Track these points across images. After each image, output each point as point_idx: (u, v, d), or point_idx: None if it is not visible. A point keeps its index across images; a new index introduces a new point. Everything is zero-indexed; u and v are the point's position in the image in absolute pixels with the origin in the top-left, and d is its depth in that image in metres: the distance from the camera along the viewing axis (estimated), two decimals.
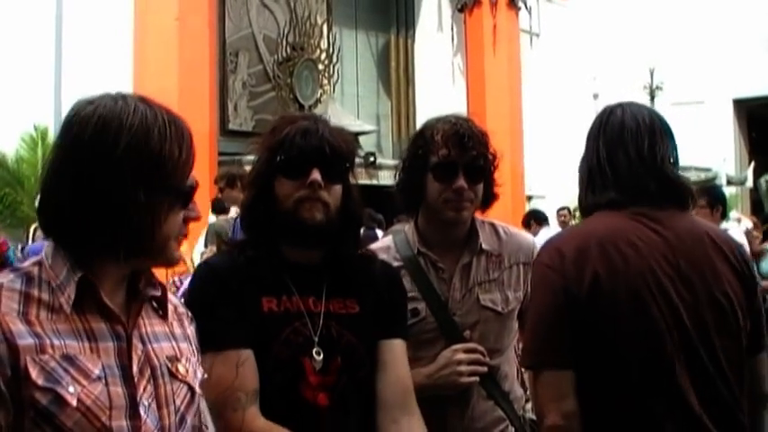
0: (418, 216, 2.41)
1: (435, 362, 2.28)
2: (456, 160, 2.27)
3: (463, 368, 2.27)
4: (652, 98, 17.40)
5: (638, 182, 1.97)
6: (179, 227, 1.43)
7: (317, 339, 1.87)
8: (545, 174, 16.68)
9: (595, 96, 18.72)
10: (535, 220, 10.73)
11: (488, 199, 2.38)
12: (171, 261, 1.45)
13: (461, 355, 2.28)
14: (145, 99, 1.42)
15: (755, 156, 17.75)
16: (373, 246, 2.51)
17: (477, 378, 2.30)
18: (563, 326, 1.87)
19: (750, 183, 15.19)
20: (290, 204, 1.89)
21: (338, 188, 1.93)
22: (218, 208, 8.10)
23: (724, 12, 17.37)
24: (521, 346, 2.40)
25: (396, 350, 2.00)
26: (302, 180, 1.88)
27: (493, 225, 2.46)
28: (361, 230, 2.20)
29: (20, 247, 7.77)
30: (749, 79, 17.22)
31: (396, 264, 2.34)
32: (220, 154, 11.68)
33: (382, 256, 2.34)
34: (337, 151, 1.92)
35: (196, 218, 1.47)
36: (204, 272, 2.00)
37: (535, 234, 9.11)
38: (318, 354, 1.86)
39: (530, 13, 17.64)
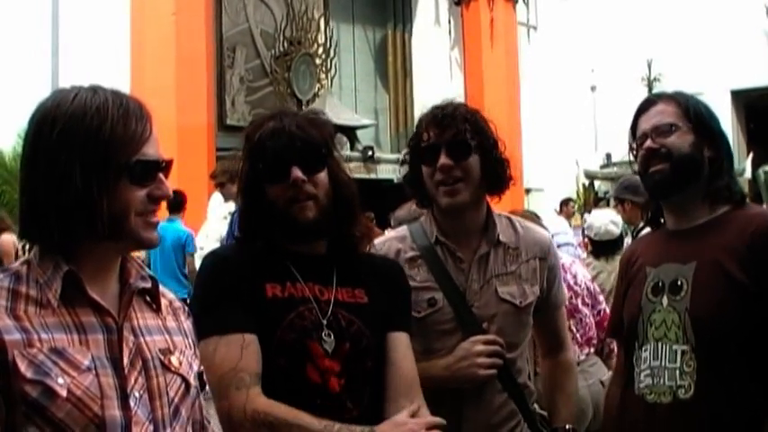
0: (434, 206, 2.38)
1: (453, 353, 2.24)
2: (437, 141, 2.26)
3: (482, 360, 2.23)
4: (650, 90, 17.37)
5: None
6: (139, 204, 1.42)
7: (325, 323, 1.88)
8: (543, 167, 16.67)
9: (593, 88, 18.71)
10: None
11: (497, 180, 2.34)
12: (141, 241, 1.44)
13: (480, 347, 2.23)
14: (96, 87, 1.44)
15: (754, 147, 17.71)
16: (388, 235, 2.51)
17: (495, 371, 2.25)
18: None
19: (748, 174, 15.16)
20: (282, 206, 1.91)
21: (323, 176, 1.94)
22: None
23: (722, 3, 17.34)
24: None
25: (401, 343, 2.00)
26: (285, 181, 1.90)
27: (509, 219, 2.44)
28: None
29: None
30: (747, 70, 17.19)
31: (411, 253, 2.32)
32: (218, 149, 11.66)
33: (398, 245, 2.34)
34: (310, 142, 1.93)
35: (165, 196, 1.45)
36: (211, 260, 2.01)
37: None
38: (329, 336, 1.87)
39: (527, 5, 17.63)
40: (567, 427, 2.43)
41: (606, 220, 5.32)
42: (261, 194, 1.93)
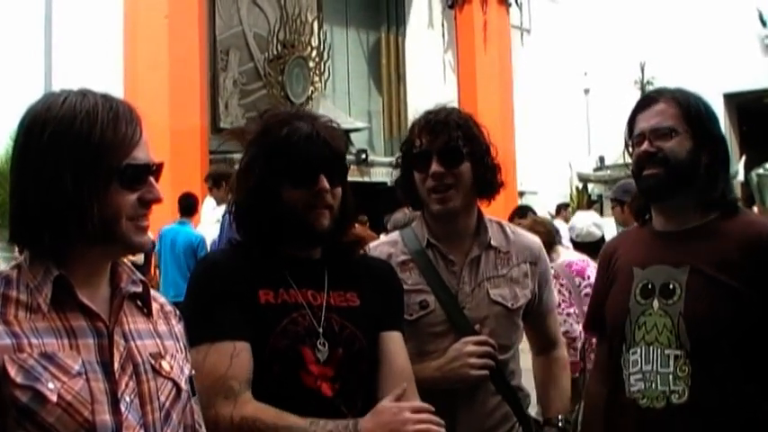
0: (425, 210, 2.40)
1: (445, 355, 2.25)
2: (429, 147, 2.28)
3: (473, 360, 2.24)
4: (643, 93, 17.39)
5: None
6: (130, 208, 1.41)
7: (321, 330, 1.87)
8: (537, 170, 16.70)
9: (586, 92, 18.75)
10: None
11: (487, 186, 2.35)
12: (132, 245, 1.44)
13: (472, 347, 2.25)
14: (86, 91, 1.43)
15: (746, 150, 17.75)
16: (380, 240, 2.53)
17: (486, 372, 2.26)
18: None
19: (741, 177, 15.19)
20: (298, 211, 1.89)
21: (339, 189, 1.95)
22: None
23: (714, 6, 17.40)
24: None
25: (395, 342, 2.00)
26: (310, 188, 1.89)
27: (500, 224, 2.46)
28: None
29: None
30: (740, 73, 17.23)
31: (403, 257, 2.34)
32: (211, 152, 11.65)
33: (390, 250, 2.36)
34: (338, 153, 1.95)
35: (155, 200, 1.44)
36: (203, 266, 2.02)
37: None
38: (324, 345, 1.86)
39: (520, 8, 17.66)
40: (560, 416, 2.45)
41: (588, 221, 5.31)
42: (274, 195, 1.91)
